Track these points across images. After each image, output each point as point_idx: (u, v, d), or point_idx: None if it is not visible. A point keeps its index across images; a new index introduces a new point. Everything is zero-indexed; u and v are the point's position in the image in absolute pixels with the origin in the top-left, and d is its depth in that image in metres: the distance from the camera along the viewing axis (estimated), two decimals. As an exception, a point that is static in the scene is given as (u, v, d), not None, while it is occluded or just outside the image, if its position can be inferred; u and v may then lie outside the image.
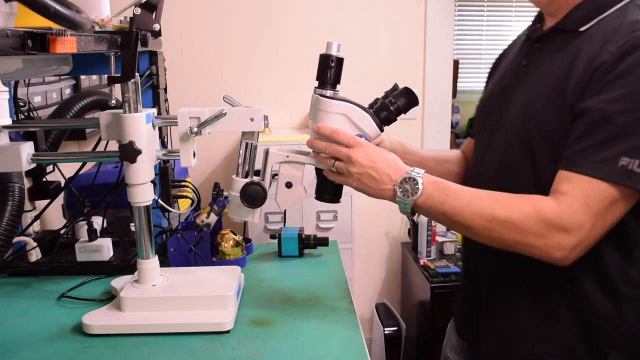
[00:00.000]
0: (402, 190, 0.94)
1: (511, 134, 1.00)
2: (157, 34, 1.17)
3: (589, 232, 0.86)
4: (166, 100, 1.40)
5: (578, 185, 0.86)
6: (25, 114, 1.43)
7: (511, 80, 1.06)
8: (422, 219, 2.49)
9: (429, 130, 2.74)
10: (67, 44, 0.82)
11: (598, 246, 0.91)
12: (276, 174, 1.06)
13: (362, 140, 0.98)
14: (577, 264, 0.92)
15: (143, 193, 1.05)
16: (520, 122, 0.99)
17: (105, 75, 1.87)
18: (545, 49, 1.01)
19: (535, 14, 1.12)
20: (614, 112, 0.84)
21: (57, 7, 0.70)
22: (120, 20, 1.08)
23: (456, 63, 2.71)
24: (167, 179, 1.36)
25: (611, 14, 0.93)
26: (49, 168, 1.49)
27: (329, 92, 0.99)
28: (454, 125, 2.75)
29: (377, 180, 0.96)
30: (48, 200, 1.42)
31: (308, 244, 1.42)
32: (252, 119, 1.05)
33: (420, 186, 0.93)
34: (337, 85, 1.00)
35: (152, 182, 1.06)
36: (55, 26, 0.78)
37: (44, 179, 1.45)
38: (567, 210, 0.85)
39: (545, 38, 1.02)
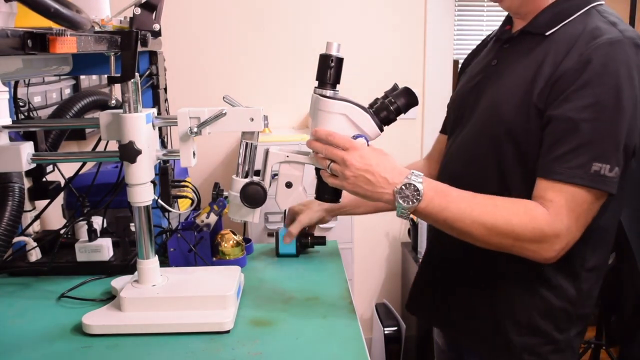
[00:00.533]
0: (402, 196, 0.94)
1: (479, 131, 1.05)
2: (157, 34, 1.17)
3: (574, 233, 0.93)
4: (166, 100, 1.40)
5: (560, 192, 0.92)
6: (25, 114, 1.43)
7: (481, 79, 1.09)
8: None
9: (428, 130, 2.74)
10: (67, 44, 0.82)
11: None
12: (276, 174, 1.06)
13: (358, 143, 0.97)
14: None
15: (143, 193, 1.05)
16: (489, 120, 1.03)
17: (105, 75, 1.87)
18: (514, 50, 1.05)
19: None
20: (581, 120, 0.90)
21: (57, 7, 0.70)
22: (120, 20, 1.08)
23: (456, 63, 2.71)
24: (167, 179, 1.36)
25: (575, 19, 0.98)
26: (49, 168, 1.49)
27: (328, 92, 0.99)
28: (454, 125, 2.76)
29: (374, 184, 0.95)
30: (48, 200, 1.42)
31: (305, 243, 1.42)
32: (252, 119, 1.05)
33: (421, 193, 0.93)
34: (337, 85, 1.00)
35: (152, 182, 1.06)
36: (55, 26, 0.78)
37: (44, 179, 1.44)
38: (556, 217, 0.91)
39: (514, 40, 1.06)
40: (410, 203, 0.93)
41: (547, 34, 0.99)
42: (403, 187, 0.94)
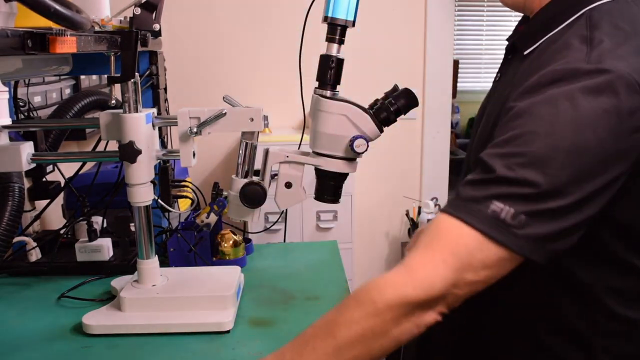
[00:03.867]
0: None
1: (473, 154, 0.91)
2: (157, 34, 1.17)
3: (455, 285, 0.71)
4: (166, 100, 1.40)
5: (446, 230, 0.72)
6: (25, 114, 1.43)
7: (487, 97, 0.99)
8: (422, 219, 2.49)
9: (429, 130, 2.74)
10: (67, 44, 0.82)
11: (558, 304, 0.84)
12: (276, 174, 1.06)
13: None
14: (542, 324, 0.86)
15: (143, 193, 1.05)
16: (478, 142, 0.90)
17: (105, 75, 1.87)
18: (512, 62, 0.92)
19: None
20: (495, 155, 0.73)
21: (57, 7, 0.70)
22: (120, 20, 1.08)
23: (456, 63, 2.72)
24: (167, 179, 1.36)
25: (556, 33, 0.80)
26: (49, 168, 1.49)
27: (329, 93, 0.99)
28: (454, 125, 2.76)
29: None
30: (48, 200, 1.42)
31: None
32: (252, 119, 1.05)
33: None
34: (337, 86, 1.00)
35: (152, 182, 1.06)
36: (55, 26, 0.78)
37: (44, 179, 1.45)
38: (421, 283, 0.72)
39: (513, 50, 0.92)
40: None
41: (526, 53, 0.83)
42: None
